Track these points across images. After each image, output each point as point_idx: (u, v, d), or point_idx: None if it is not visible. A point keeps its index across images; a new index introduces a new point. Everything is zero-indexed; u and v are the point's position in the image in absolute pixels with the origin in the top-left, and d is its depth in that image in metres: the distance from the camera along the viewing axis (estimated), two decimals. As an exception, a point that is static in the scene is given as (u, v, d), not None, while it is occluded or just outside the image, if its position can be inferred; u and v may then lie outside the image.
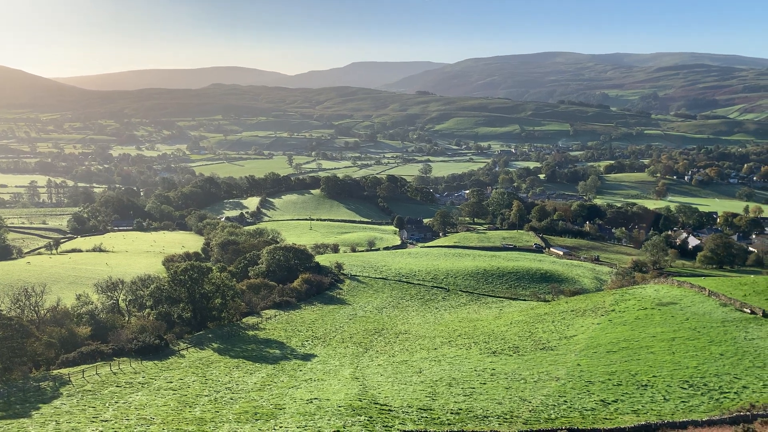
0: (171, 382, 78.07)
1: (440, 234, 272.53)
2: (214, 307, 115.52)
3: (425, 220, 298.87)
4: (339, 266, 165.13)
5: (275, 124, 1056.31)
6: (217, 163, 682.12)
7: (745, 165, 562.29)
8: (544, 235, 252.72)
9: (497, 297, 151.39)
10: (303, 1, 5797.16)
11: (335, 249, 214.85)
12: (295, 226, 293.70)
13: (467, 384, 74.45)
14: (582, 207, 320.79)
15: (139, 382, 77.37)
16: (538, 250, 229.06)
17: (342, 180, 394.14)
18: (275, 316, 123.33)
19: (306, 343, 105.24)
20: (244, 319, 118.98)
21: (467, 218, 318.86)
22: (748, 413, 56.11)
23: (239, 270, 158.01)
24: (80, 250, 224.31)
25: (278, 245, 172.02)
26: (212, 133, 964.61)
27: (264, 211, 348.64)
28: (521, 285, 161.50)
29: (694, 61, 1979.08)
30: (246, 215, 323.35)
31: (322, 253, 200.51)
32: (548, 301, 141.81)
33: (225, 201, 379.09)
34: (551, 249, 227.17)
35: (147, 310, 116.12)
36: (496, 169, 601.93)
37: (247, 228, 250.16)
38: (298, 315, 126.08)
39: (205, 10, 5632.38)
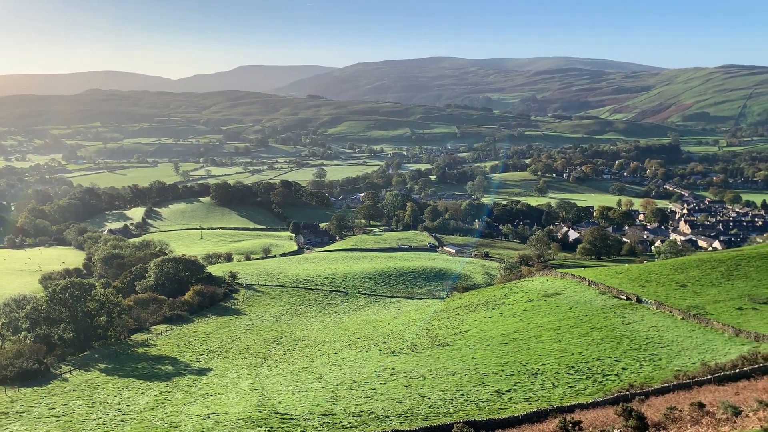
0: (53, 409, 72.68)
1: (337, 238, 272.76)
2: (99, 325, 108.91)
3: (322, 225, 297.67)
4: (233, 276, 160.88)
5: (159, 130, 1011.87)
6: (98, 173, 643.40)
7: (617, 162, 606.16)
8: (437, 234, 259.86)
9: (395, 297, 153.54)
10: (182, 1, 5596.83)
11: (228, 258, 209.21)
12: (185, 236, 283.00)
13: (368, 385, 74.89)
14: (471, 206, 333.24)
15: (16, 411, 71.37)
16: (432, 249, 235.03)
17: (233, 186, 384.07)
18: (166, 331, 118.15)
19: (201, 357, 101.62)
20: (132, 337, 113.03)
21: (363, 221, 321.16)
22: (627, 393, 60.33)
23: (125, 285, 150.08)
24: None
25: (167, 257, 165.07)
26: (90, 142, 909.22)
27: (150, 221, 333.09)
28: (417, 284, 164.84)
29: (568, 65, 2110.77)
30: (131, 227, 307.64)
31: (214, 263, 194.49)
32: (443, 298, 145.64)
33: (107, 213, 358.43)
34: (444, 247, 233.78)
35: (23, 333, 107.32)
36: (390, 171, 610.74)
37: (132, 240, 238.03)
38: (191, 328, 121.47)
39: (78, 10, 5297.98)
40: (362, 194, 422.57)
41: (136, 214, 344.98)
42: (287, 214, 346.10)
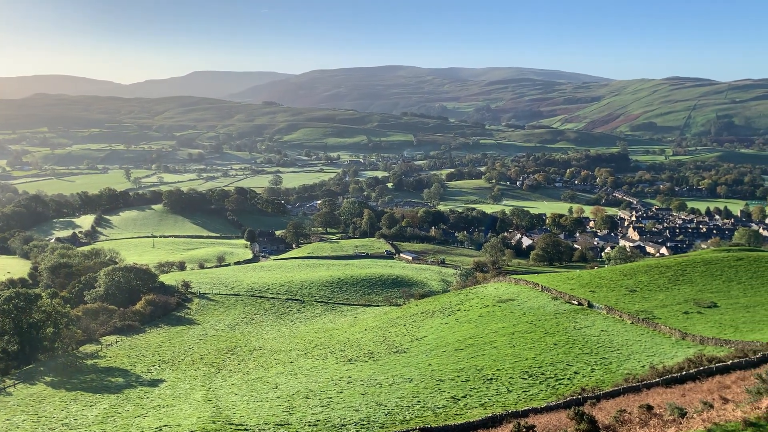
0: (-5, 426, 69.90)
1: (293, 245, 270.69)
2: (46, 337, 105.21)
3: (278, 232, 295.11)
4: (186, 285, 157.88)
5: (110, 136, 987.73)
6: (45, 180, 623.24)
7: (568, 170, 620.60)
8: (394, 242, 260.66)
9: (352, 305, 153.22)
10: (134, 3, 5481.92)
11: (181, 267, 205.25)
12: (136, 244, 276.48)
13: (324, 394, 74.43)
14: (427, 213, 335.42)
15: (-46, 430, 68.37)
16: (389, 256, 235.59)
17: (186, 193, 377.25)
18: (117, 342, 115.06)
19: (153, 368, 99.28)
20: (81, 348, 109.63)
21: (320, 228, 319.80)
22: (579, 396, 61.53)
23: (74, 295, 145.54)
24: None
25: (117, 266, 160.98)
26: (37, 147, 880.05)
27: (100, 230, 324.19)
28: (374, 291, 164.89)
29: (521, 76, 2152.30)
30: (80, 235, 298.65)
31: (167, 272, 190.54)
32: (400, 305, 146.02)
33: (54, 221, 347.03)
34: (401, 255, 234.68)
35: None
36: (347, 179, 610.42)
37: (81, 249, 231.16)
38: (142, 339, 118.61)
39: (24, 12, 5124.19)
40: (319, 201, 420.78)
41: (86, 222, 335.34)
42: (242, 221, 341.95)
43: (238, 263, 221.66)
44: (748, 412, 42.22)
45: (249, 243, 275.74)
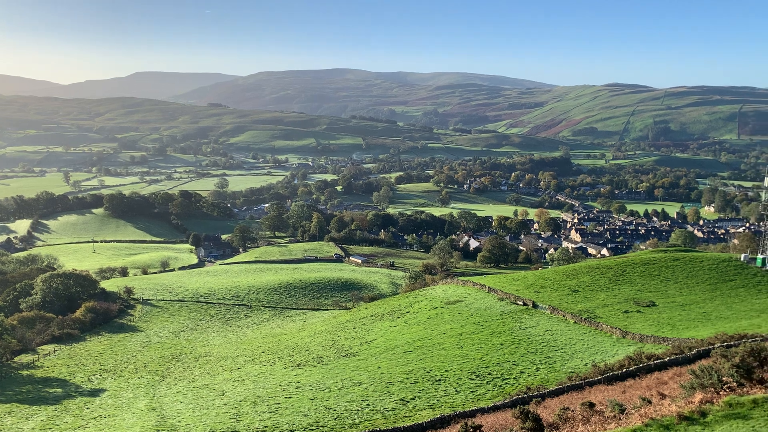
0: None
1: (240, 250, 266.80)
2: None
3: (224, 236, 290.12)
4: (128, 291, 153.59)
5: (47, 137, 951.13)
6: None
7: (513, 174, 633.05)
8: (344, 245, 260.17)
9: (301, 309, 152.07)
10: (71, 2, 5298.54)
11: (124, 272, 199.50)
12: (76, 249, 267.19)
13: (272, 400, 73.59)
14: (377, 216, 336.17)
15: None
16: (339, 259, 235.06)
17: (129, 197, 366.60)
18: (55, 351, 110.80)
19: (93, 377, 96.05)
20: (16, 358, 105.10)
21: (268, 232, 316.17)
22: (525, 395, 62.73)
23: (8, 303, 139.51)
24: None
25: (56, 272, 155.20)
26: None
27: (37, 235, 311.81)
28: (324, 295, 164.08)
29: (467, 81, 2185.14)
30: (14, 241, 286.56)
31: (108, 278, 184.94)
32: (349, 308, 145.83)
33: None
34: (351, 258, 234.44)
35: None
36: (295, 182, 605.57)
37: (16, 255, 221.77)
38: (82, 347, 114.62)
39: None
40: (267, 205, 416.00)
41: (21, 226, 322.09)
42: (187, 225, 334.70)
43: (182, 268, 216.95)
44: (682, 407, 43.95)
45: (194, 247, 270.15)
